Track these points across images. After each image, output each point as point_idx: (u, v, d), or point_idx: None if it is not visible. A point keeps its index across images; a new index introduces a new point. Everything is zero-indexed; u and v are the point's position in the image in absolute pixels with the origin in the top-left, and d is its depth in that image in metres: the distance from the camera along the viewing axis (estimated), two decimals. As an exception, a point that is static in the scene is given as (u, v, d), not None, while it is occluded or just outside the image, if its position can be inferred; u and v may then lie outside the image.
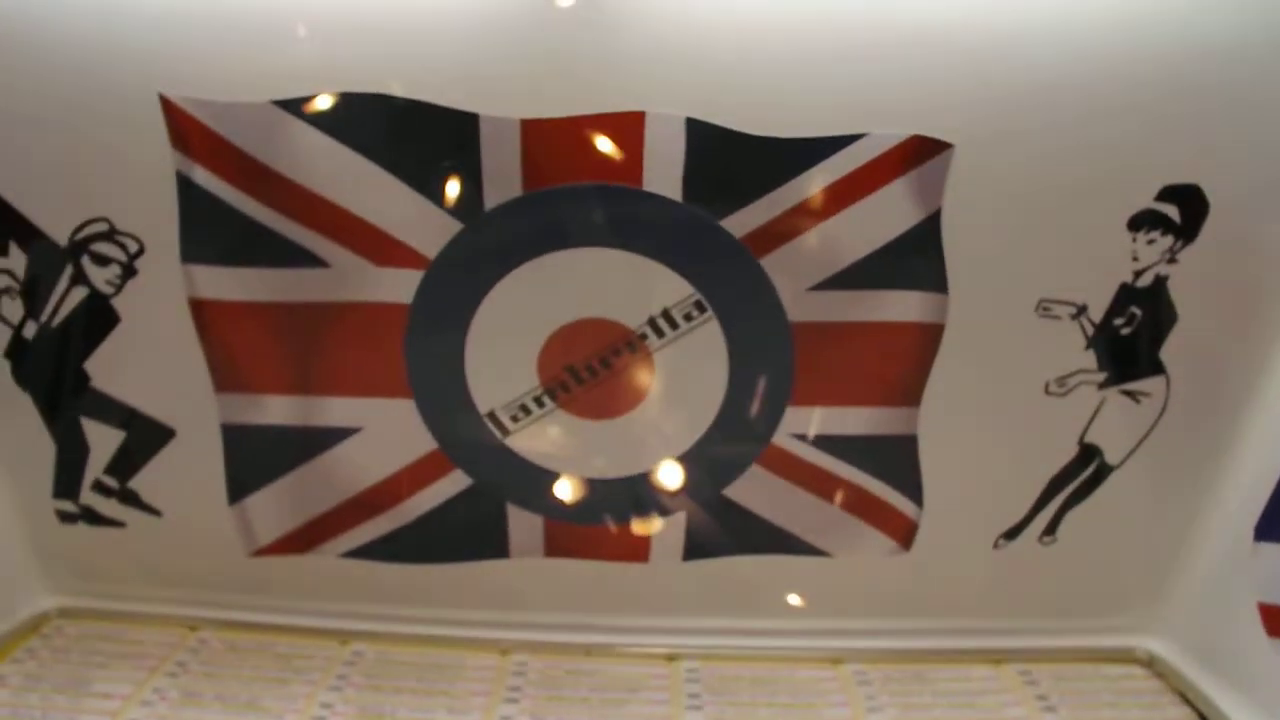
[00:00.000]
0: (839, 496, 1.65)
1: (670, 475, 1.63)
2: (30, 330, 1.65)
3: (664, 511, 1.67)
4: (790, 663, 1.73)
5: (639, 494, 1.65)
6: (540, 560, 1.71)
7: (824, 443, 1.61)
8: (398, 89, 1.47)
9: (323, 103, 1.48)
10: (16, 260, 1.62)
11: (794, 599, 1.74)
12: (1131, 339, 1.56)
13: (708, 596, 1.73)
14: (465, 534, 1.70)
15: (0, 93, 1.53)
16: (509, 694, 1.66)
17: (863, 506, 1.65)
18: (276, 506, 1.72)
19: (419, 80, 1.47)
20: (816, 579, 1.71)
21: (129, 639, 1.81)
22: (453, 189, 1.51)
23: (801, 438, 1.61)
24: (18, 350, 1.67)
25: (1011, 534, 1.69)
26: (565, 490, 1.64)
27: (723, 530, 1.66)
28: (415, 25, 1.46)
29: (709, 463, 1.62)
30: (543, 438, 1.62)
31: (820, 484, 1.64)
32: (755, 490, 1.64)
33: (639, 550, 1.68)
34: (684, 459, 1.63)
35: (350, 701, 1.65)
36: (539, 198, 1.49)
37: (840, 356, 1.56)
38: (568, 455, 1.63)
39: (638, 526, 1.68)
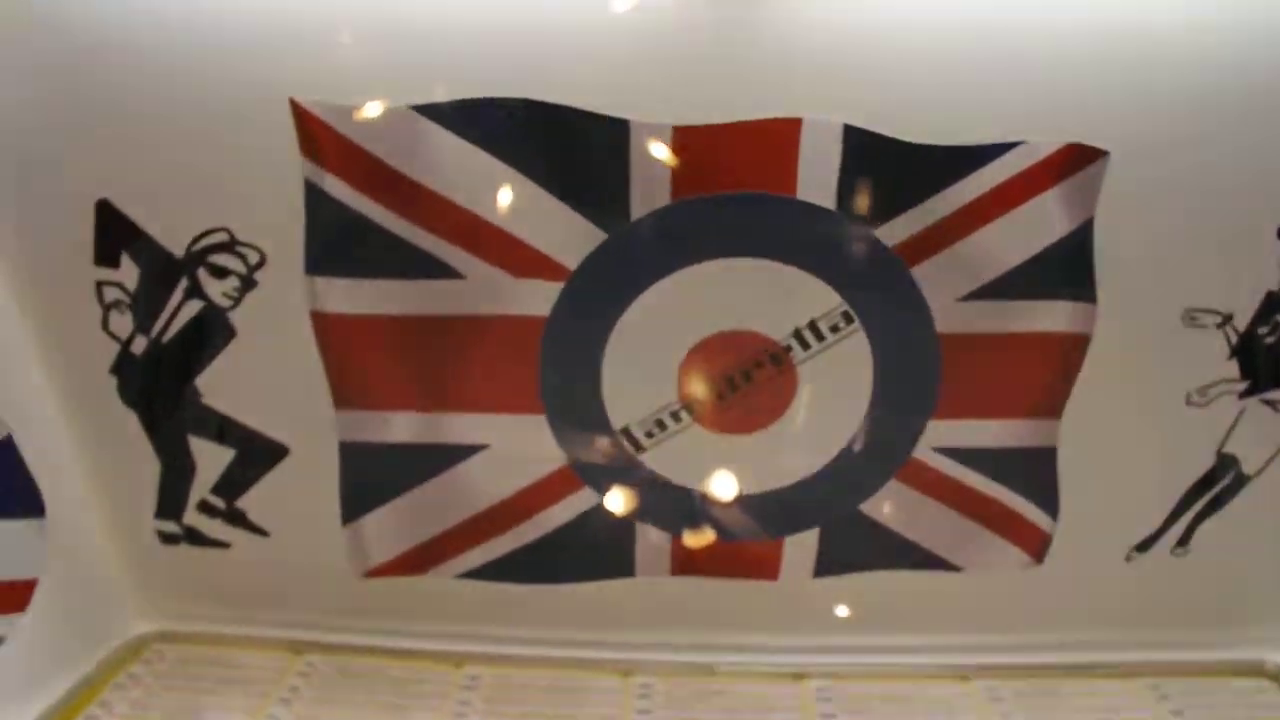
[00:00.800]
0: (974, 510, 1.62)
1: (806, 491, 1.58)
2: (139, 345, 1.59)
3: (797, 528, 1.62)
4: (920, 679, 1.69)
5: (773, 510, 1.60)
6: (664, 579, 1.65)
7: (963, 456, 1.58)
8: (546, 94, 1.40)
9: (464, 108, 1.43)
10: (128, 273, 1.56)
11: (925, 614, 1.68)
12: (1276, 347, 1.53)
13: (836, 612, 1.67)
14: (590, 553, 1.66)
15: (117, 99, 1.47)
16: (638, 718, 1.59)
17: (997, 520, 1.62)
18: (393, 526, 1.66)
19: (567, 85, 1.42)
20: (945, 593, 1.68)
21: (232, 663, 1.74)
22: (598, 197, 1.48)
23: (942, 451, 1.57)
24: (125, 366, 1.60)
25: (1144, 546, 1.66)
26: (698, 507, 1.58)
27: (855, 546, 1.63)
28: (563, 29, 1.41)
29: (846, 478, 1.59)
30: (680, 454, 1.57)
31: (957, 498, 1.60)
32: (891, 505, 1.60)
33: (769, 568, 1.65)
34: (821, 474, 1.59)
35: (493, 732, 1.57)
36: (688, 206, 1.45)
37: (987, 368, 1.53)
38: (702, 471, 1.58)
39: (768, 544, 1.62)
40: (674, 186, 1.43)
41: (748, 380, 1.53)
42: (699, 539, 1.63)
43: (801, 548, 1.63)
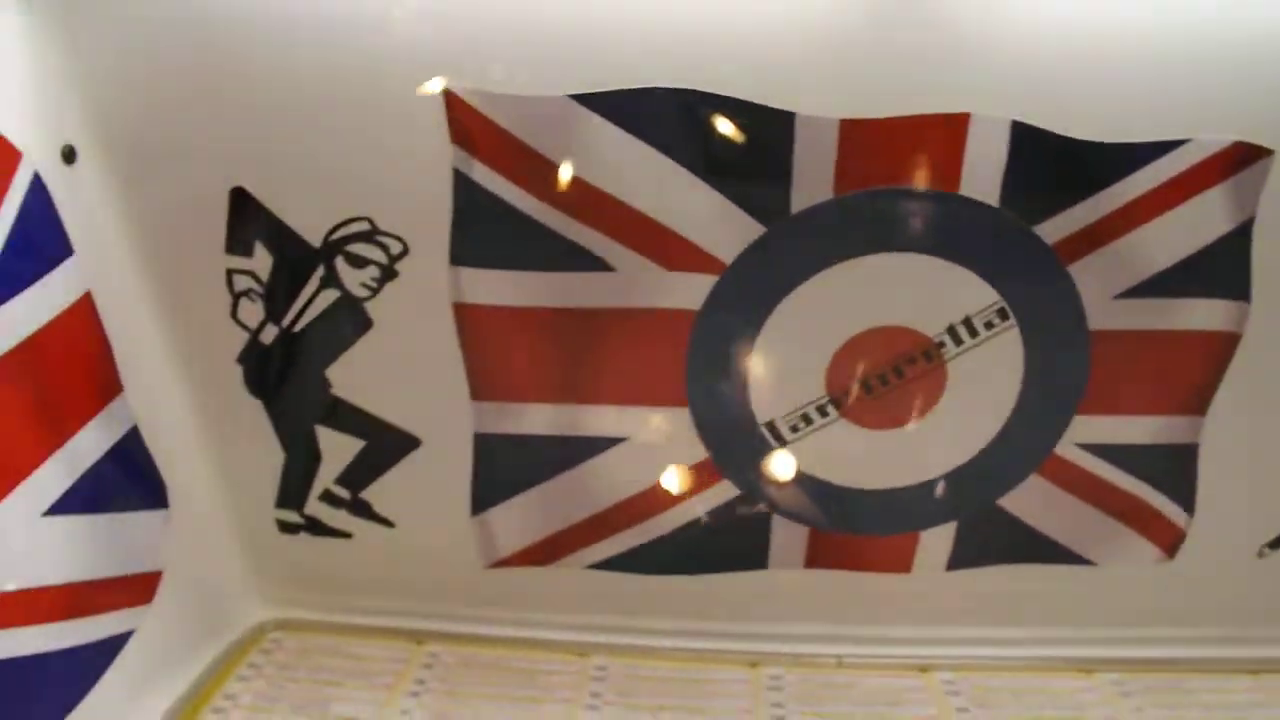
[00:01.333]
0: (1111, 505, 1.62)
1: (946, 485, 1.58)
2: (269, 334, 1.56)
3: (934, 522, 1.61)
4: (1046, 672, 1.68)
5: (912, 504, 1.59)
6: (796, 571, 1.64)
7: (1105, 451, 1.58)
8: (709, 85, 1.37)
9: (624, 98, 1.40)
10: (261, 261, 1.53)
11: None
12: None
13: (964, 606, 1.68)
14: (724, 545, 1.64)
15: (257, 86, 1.44)
16: (773, 710, 1.60)
17: (1134, 515, 1.62)
18: (524, 517, 1.64)
19: (731, 76, 1.39)
20: (1074, 587, 1.67)
21: (353, 653, 1.72)
22: (758, 190, 1.45)
23: (1084, 447, 1.57)
24: (253, 355, 1.57)
25: (1277, 543, 1.65)
26: (838, 501, 1.57)
27: (991, 540, 1.63)
28: (729, 19, 1.37)
29: (988, 472, 1.58)
30: (823, 448, 1.56)
31: (1095, 493, 1.60)
32: (1030, 500, 1.60)
33: (903, 560, 1.64)
34: (963, 469, 1.58)
35: (615, 721, 1.56)
36: (850, 201, 1.42)
37: (1136, 365, 1.52)
38: (845, 466, 1.57)
39: (904, 537, 1.61)
40: (836, 180, 1.41)
41: (898, 375, 1.51)
42: (835, 532, 1.60)
43: (937, 541, 1.62)
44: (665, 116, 1.39)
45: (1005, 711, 1.62)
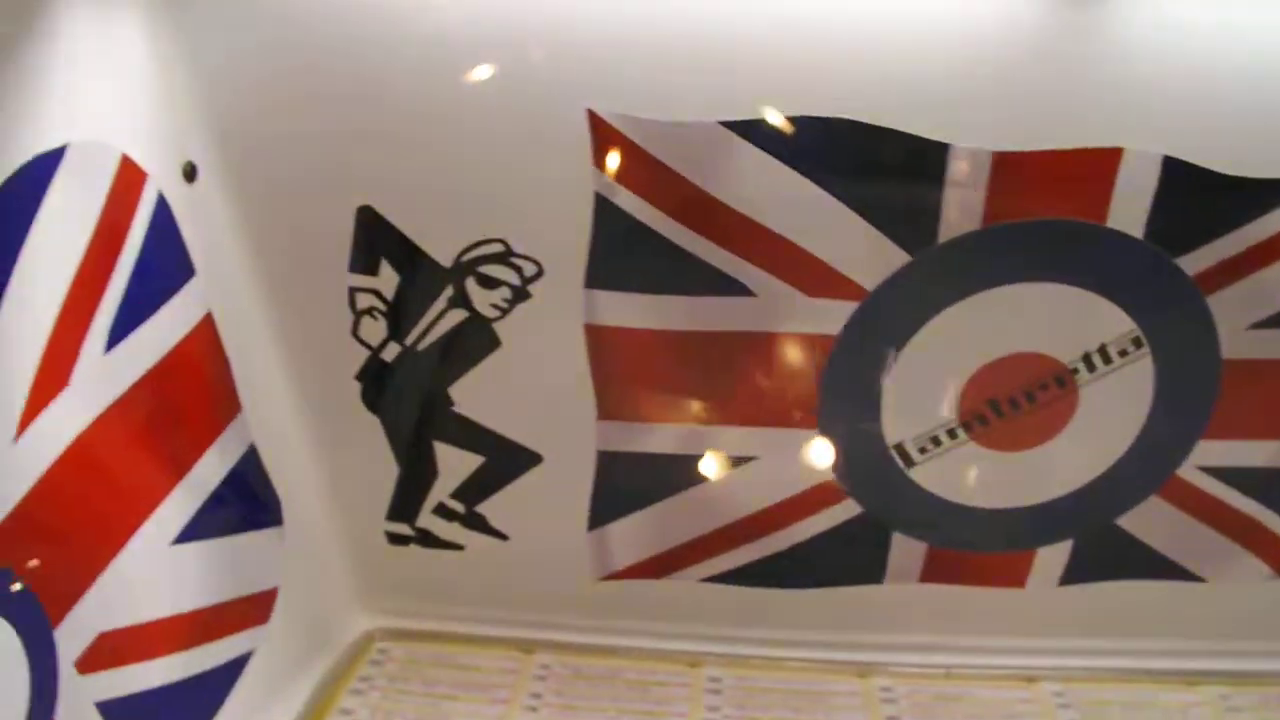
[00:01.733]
0: (1227, 525, 1.63)
1: (1067, 505, 1.59)
2: (390, 352, 1.54)
3: (1052, 540, 1.63)
4: (1152, 684, 1.72)
5: (1032, 523, 1.61)
6: (911, 585, 1.65)
7: (1227, 474, 1.59)
8: (865, 114, 1.35)
9: (776, 126, 1.39)
10: (387, 280, 1.51)
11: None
12: None
13: (1073, 618, 1.70)
14: (842, 560, 1.66)
15: (392, 105, 1.42)
16: (889, 723, 1.60)
17: (1249, 535, 1.64)
18: (641, 532, 1.65)
19: (887, 106, 1.37)
20: (1183, 601, 1.69)
21: (463, 664, 1.73)
22: (907, 219, 1.44)
23: (1206, 470, 1.58)
24: (373, 372, 1.55)
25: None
26: (960, 519, 1.58)
27: (1106, 557, 1.65)
28: (886, 50, 1.36)
29: (1109, 493, 1.59)
30: (948, 469, 1.57)
31: (1212, 514, 1.62)
32: (1148, 520, 1.62)
33: (1018, 576, 1.66)
34: (1085, 489, 1.59)
35: (737, 737, 1.57)
36: (997, 232, 1.43)
37: (1264, 392, 1.53)
38: (970, 486, 1.59)
39: (1021, 554, 1.63)
40: (986, 212, 1.40)
41: (1030, 400, 1.52)
42: (954, 548, 1.61)
43: (1053, 557, 1.64)
44: (817, 145, 1.38)
45: (1114, 722, 1.62)
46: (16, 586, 1.13)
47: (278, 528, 1.57)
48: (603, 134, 1.37)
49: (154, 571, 1.35)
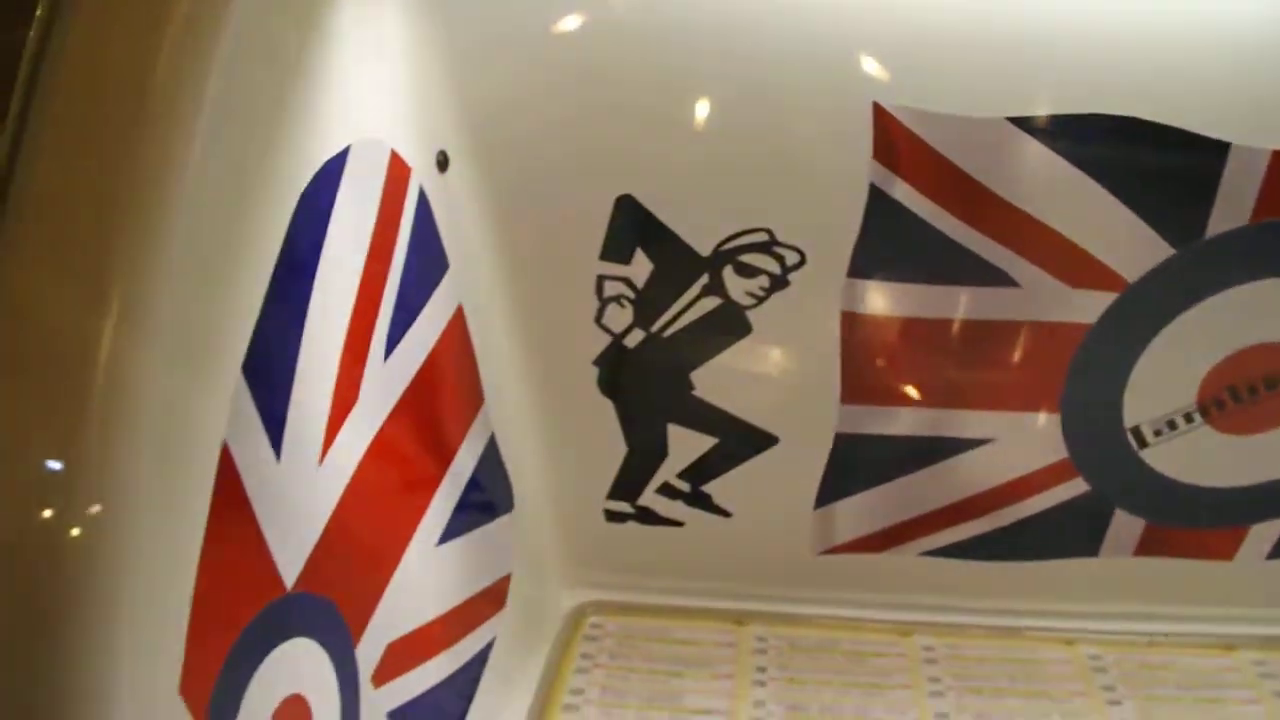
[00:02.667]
0: None
1: (1287, 482, 1.63)
2: (634, 339, 1.53)
3: (1268, 517, 1.67)
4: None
5: (1252, 501, 1.65)
6: (1124, 558, 1.69)
7: None
8: (1149, 112, 1.36)
9: (1063, 123, 1.39)
10: (639, 268, 1.50)
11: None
12: None
13: (1277, 591, 1.74)
14: (1062, 535, 1.69)
15: (658, 93, 1.42)
16: (1106, 694, 1.66)
17: None
18: (868, 509, 1.67)
19: (1170, 103, 1.37)
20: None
21: (678, 638, 1.74)
22: (1177, 215, 1.45)
23: None
24: (613, 358, 1.54)
25: None
26: (1183, 497, 1.62)
27: (1315, 530, 1.68)
28: (1172, 47, 1.36)
29: (1328, 469, 1.62)
30: (1180, 451, 1.60)
31: None
32: (1362, 496, 1.65)
33: (1228, 549, 1.70)
34: (1309, 467, 1.62)
35: (964, 710, 1.63)
36: (1266, 228, 1.43)
37: None
38: (1198, 467, 1.62)
39: (1238, 529, 1.67)
40: (1256, 208, 1.41)
41: (1270, 388, 1.55)
42: (1173, 525, 1.65)
43: (1266, 533, 1.68)
44: (1100, 142, 1.39)
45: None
46: (329, 613, 1.12)
47: (510, 514, 1.55)
48: (886, 127, 1.36)
49: (425, 576, 1.36)
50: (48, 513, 0.73)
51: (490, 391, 1.50)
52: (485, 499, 1.50)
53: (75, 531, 0.73)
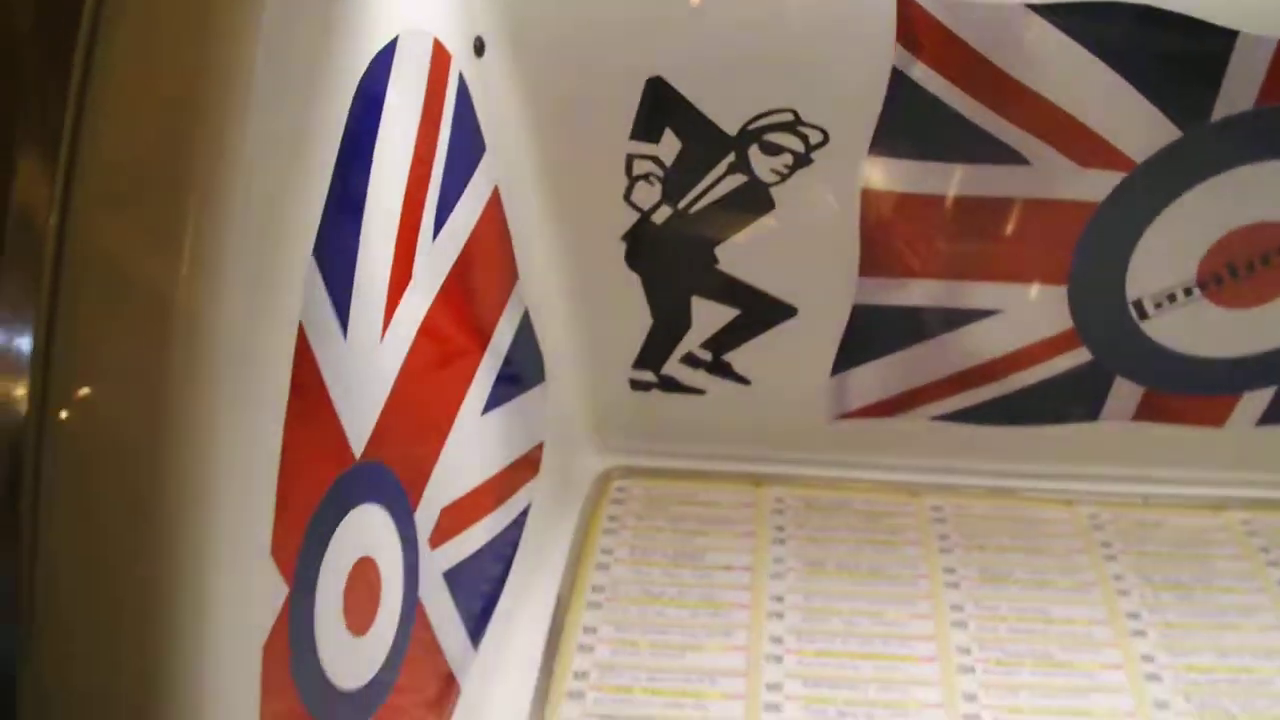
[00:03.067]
0: None
1: (1277, 355, 1.72)
2: (661, 215, 1.60)
3: (1258, 385, 1.77)
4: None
5: (1244, 371, 1.74)
6: (1121, 423, 1.79)
7: None
8: (1161, 1, 1.42)
9: (1079, 10, 1.44)
10: (667, 147, 1.56)
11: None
12: None
13: (1263, 454, 1.86)
14: (1064, 401, 1.78)
15: None
16: (1103, 550, 1.77)
17: None
18: (881, 377, 1.76)
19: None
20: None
21: (700, 500, 1.84)
22: (1185, 99, 1.51)
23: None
24: (640, 233, 1.62)
25: None
26: (1180, 366, 1.71)
27: (1305, 400, 1.77)
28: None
29: (1318, 346, 1.71)
30: (1178, 322, 1.69)
31: None
32: (1351, 369, 1.74)
33: (1220, 416, 1.80)
34: (1301, 339, 1.70)
35: (970, 564, 1.73)
36: (1268, 112, 1.51)
37: None
38: (1195, 337, 1.71)
39: (1230, 397, 1.77)
40: (1260, 94, 1.48)
41: (1265, 264, 1.63)
42: (1170, 392, 1.75)
43: (1255, 401, 1.78)
44: (1115, 28, 1.44)
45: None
46: (392, 480, 1.20)
47: (542, 385, 1.64)
48: (909, 13, 1.43)
49: (472, 444, 1.43)
50: (150, 393, 0.80)
51: (524, 268, 1.56)
52: (520, 371, 1.57)
53: (174, 412, 0.80)
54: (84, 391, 0.80)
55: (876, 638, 1.62)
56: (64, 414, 0.79)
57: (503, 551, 1.55)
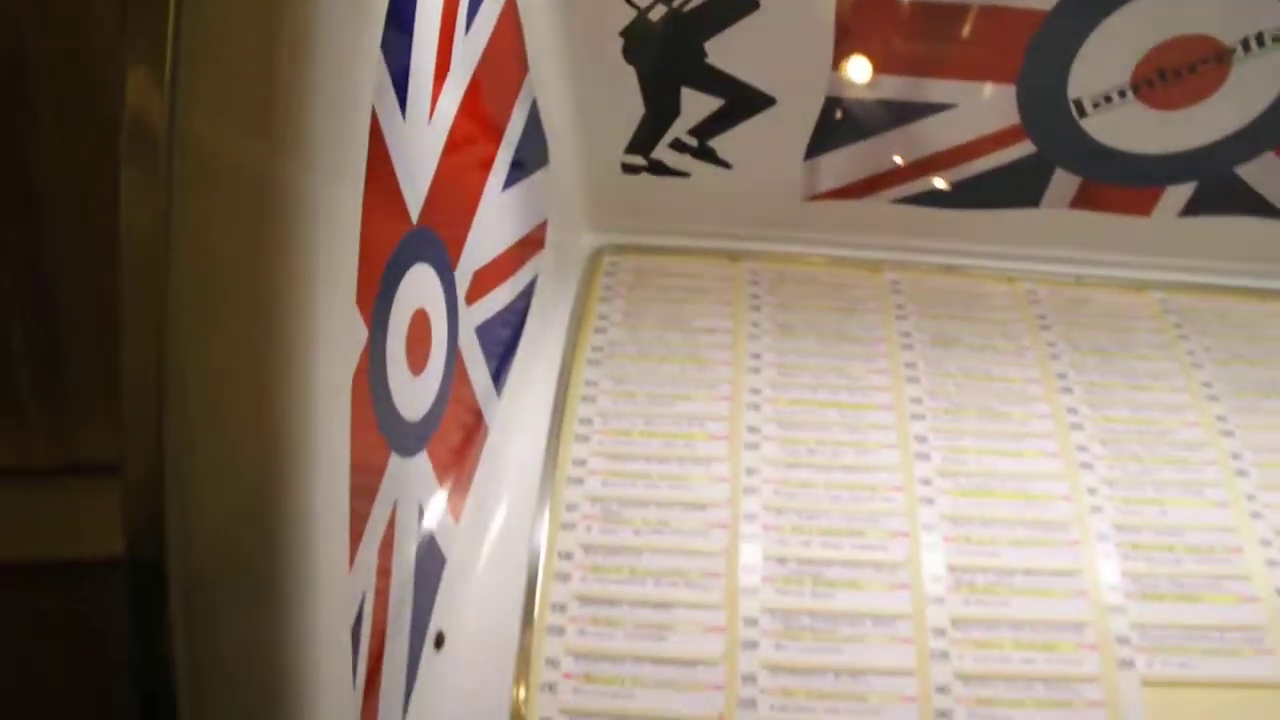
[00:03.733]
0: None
1: (1200, 155, 1.95)
2: (657, 13, 1.78)
3: (1180, 179, 2.00)
4: (1235, 298, 2.14)
5: (1169, 165, 1.97)
6: (1060, 210, 2.05)
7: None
8: None
9: None
10: (662, -50, 1.72)
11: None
12: None
13: (1185, 242, 2.11)
14: (1009, 188, 1.99)
15: None
16: (1039, 320, 2.03)
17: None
18: (848, 162, 1.97)
19: None
20: (1274, 237, 2.09)
21: (685, 272, 2.05)
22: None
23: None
24: (637, 30, 1.81)
25: None
26: (1114, 160, 1.96)
27: (1220, 196, 2.02)
28: None
29: (1233, 147, 1.94)
30: (1113, 121, 1.90)
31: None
32: (1261, 170, 1.97)
33: (1146, 206, 2.02)
34: (1218, 143, 1.94)
35: (923, 329, 1.98)
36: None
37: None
38: (1128, 134, 1.92)
39: (1155, 189, 2.02)
40: None
41: (1192, 71, 1.84)
42: (1105, 182, 1.99)
43: (1178, 194, 1.99)
44: None
45: (1209, 329, 2.06)
46: (438, 243, 1.41)
47: (546, 167, 1.85)
48: None
49: (495, 216, 1.63)
50: (262, 168, 0.97)
51: (533, 61, 1.75)
52: (529, 155, 1.77)
53: (279, 177, 0.97)
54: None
55: (841, 389, 1.88)
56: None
57: (517, 315, 1.78)
